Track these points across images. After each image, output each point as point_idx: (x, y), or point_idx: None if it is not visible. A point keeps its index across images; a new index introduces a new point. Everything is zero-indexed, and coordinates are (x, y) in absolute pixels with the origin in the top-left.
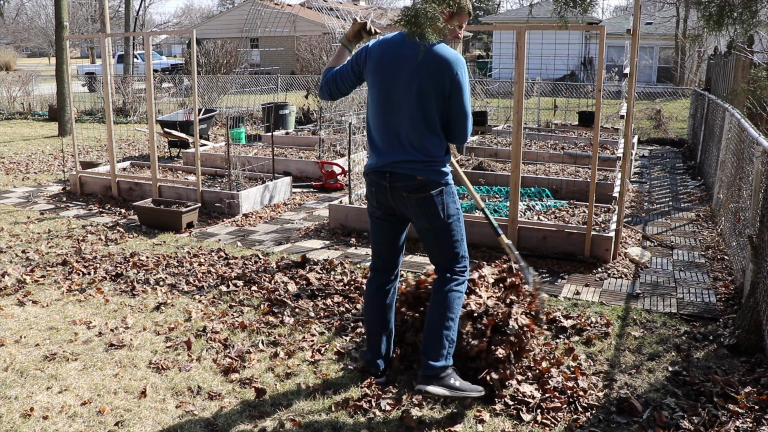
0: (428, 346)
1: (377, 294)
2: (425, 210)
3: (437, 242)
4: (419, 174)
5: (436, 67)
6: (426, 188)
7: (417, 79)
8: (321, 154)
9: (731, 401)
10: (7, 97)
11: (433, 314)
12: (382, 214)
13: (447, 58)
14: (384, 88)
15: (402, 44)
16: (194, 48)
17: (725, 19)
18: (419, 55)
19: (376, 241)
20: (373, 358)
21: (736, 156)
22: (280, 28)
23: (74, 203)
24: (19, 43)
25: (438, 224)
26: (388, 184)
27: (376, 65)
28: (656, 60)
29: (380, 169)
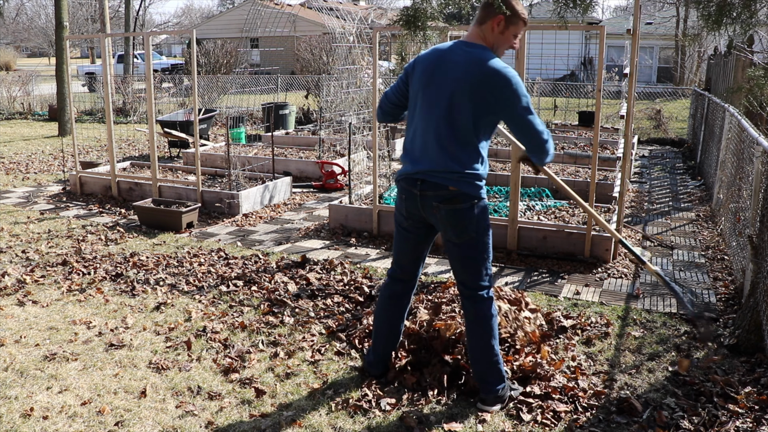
0: (483, 371)
1: (390, 301)
2: (454, 223)
3: (462, 258)
4: (452, 184)
5: (480, 80)
6: (458, 200)
7: (459, 87)
8: (321, 154)
9: (731, 401)
10: (7, 97)
11: (478, 346)
12: (409, 224)
13: (493, 73)
14: (425, 93)
15: (451, 51)
16: (194, 48)
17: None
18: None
19: (399, 250)
20: (375, 360)
21: (736, 156)
22: (280, 28)
23: (74, 203)
24: (19, 43)
25: (465, 239)
26: (419, 192)
27: (422, 70)
28: (656, 60)
29: (411, 176)
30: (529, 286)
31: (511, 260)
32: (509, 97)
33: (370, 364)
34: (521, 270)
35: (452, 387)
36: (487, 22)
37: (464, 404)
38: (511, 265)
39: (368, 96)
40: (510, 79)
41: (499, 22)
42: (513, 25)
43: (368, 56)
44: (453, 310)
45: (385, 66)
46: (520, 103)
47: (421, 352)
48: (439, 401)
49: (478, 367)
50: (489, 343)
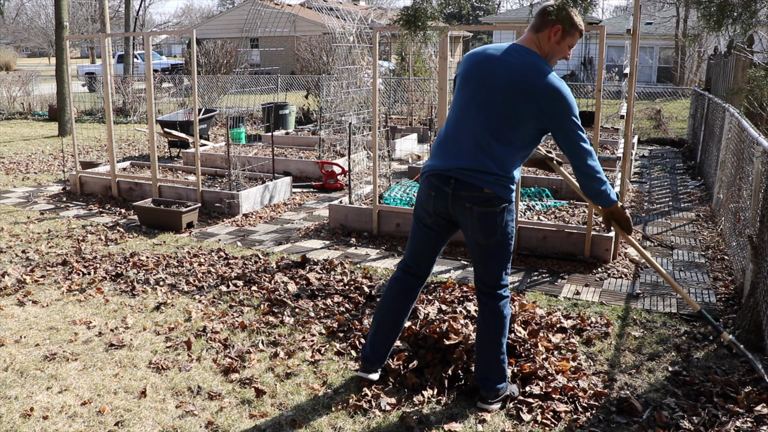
0: (488, 370)
1: (401, 295)
2: (484, 225)
3: (486, 259)
4: (488, 187)
5: (531, 90)
6: (492, 203)
7: (510, 91)
8: (321, 154)
9: (731, 401)
10: (7, 97)
11: (487, 341)
12: (432, 222)
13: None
14: (472, 89)
15: (506, 54)
16: (194, 48)
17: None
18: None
19: (416, 246)
20: (371, 355)
21: (736, 156)
22: (280, 28)
23: (74, 203)
24: (19, 43)
25: (492, 241)
26: (451, 191)
27: (471, 66)
28: (656, 60)
29: (444, 172)
30: (529, 286)
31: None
32: (561, 112)
33: (366, 360)
34: (521, 270)
35: (452, 387)
36: (544, 31)
37: (464, 404)
38: (511, 265)
39: (368, 96)
40: (564, 94)
41: (557, 32)
42: (570, 36)
43: (368, 56)
44: (454, 311)
45: (385, 66)
46: (570, 118)
47: (421, 351)
48: (439, 401)
49: (483, 363)
50: (498, 341)
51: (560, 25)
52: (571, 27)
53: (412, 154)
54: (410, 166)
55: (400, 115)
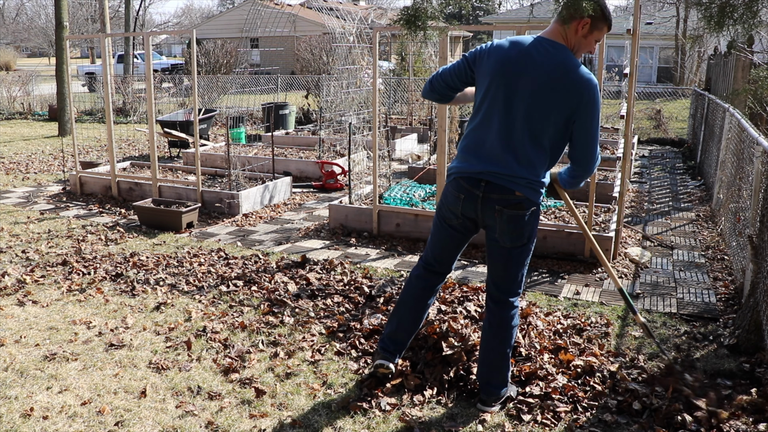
0: (491, 376)
1: (423, 292)
2: (513, 228)
3: (508, 263)
4: (519, 190)
5: (564, 86)
6: (522, 206)
7: (542, 90)
8: (321, 154)
9: (731, 401)
10: (7, 97)
11: (492, 348)
12: (458, 223)
13: (579, 81)
14: (503, 88)
15: (534, 49)
16: (194, 48)
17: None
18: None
19: (439, 246)
20: (391, 348)
21: (736, 156)
22: (280, 28)
23: (74, 203)
24: (19, 43)
25: (519, 244)
26: (482, 194)
27: (500, 63)
28: (656, 60)
29: (475, 175)
30: (529, 286)
31: None
32: (590, 109)
33: (384, 350)
34: None
35: (452, 387)
36: (572, 23)
37: (464, 404)
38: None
39: (368, 96)
40: (595, 90)
41: (585, 25)
42: (598, 30)
43: (368, 56)
44: (454, 311)
45: (385, 66)
46: (597, 117)
47: (422, 351)
48: (439, 401)
49: (486, 369)
50: (505, 351)
51: (589, 18)
52: (600, 20)
53: (412, 154)
54: (410, 166)
55: (400, 115)
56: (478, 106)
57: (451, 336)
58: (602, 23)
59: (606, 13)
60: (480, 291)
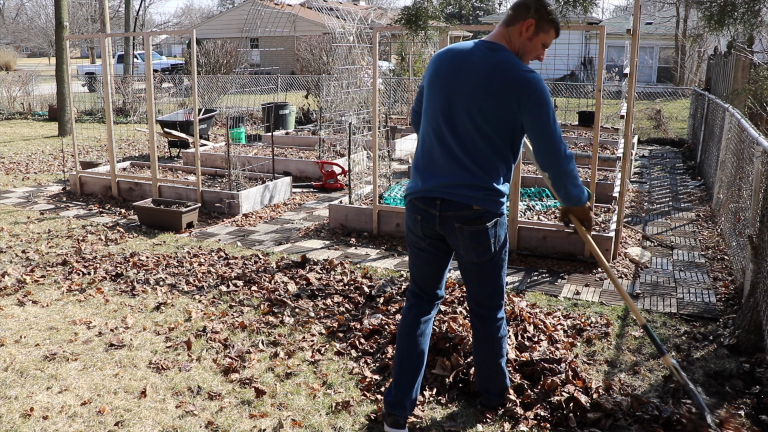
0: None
1: (416, 322)
2: (477, 244)
3: (481, 278)
4: (476, 203)
5: (502, 86)
6: (482, 219)
7: (481, 92)
8: (321, 154)
9: (731, 401)
10: (7, 97)
11: (483, 362)
12: (427, 244)
13: (516, 78)
14: (443, 98)
15: (471, 53)
16: (194, 48)
17: (727, 19)
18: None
19: (419, 273)
20: (400, 398)
21: (736, 156)
22: (280, 28)
23: (74, 203)
24: (19, 43)
25: (487, 258)
26: (438, 213)
27: (437, 72)
28: (656, 60)
29: (428, 194)
30: (529, 286)
31: (511, 260)
32: (533, 105)
33: (392, 405)
34: (521, 270)
35: (453, 387)
36: (516, 25)
37: (464, 404)
38: (511, 265)
39: (368, 96)
40: (537, 86)
41: (529, 27)
42: (544, 33)
43: (368, 56)
44: (454, 311)
45: (385, 66)
46: (546, 111)
47: None
48: (439, 401)
49: (483, 379)
50: (497, 362)
51: (533, 19)
52: (546, 23)
53: (412, 154)
54: (410, 166)
55: (400, 115)
56: (423, 119)
57: (450, 336)
58: (548, 26)
59: (552, 16)
60: None
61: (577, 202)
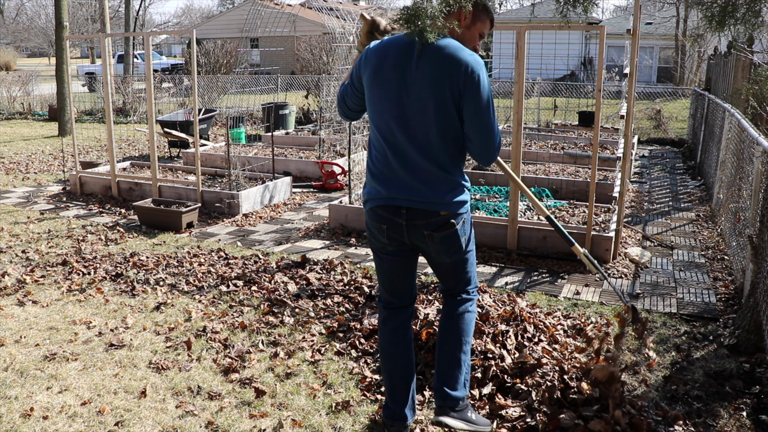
0: (446, 374)
1: (395, 334)
2: (448, 246)
3: (454, 272)
4: (443, 208)
5: (449, 69)
6: (451, 223)
7: (428, 81)
8: (321, 154)
9: (731, 401)
10: (7, 97)
11: (449, 340)
12: (394, 248)
13: (458, 59)
14: (388, 99)
15: (410, 43)
16: (194, 48)
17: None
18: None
19: (388, 279)
20: (398, 411)
21: (736, 156)
22: (280, 28)
23: (74, 203)
24: (19, 43)
25: (458, 257)
26: (405, 222)
27: (375, 72)
28: (656, 60)
29: (392, 203)
30: (529, 286)
31: (511, 260)
32: (476, 89)
33: (392, 417)
34: (521, 270)
35: None
36: (453, 15)
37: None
38: (511, 265)
39: None
40: (478, 66)
41: (466, 15)
42: (480, 21)
43: None
44: None
45: None
46: (486, 96)
47: (422, 352)
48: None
49: (445, 367)
50: (463, 344)
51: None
52: (482, 12)
53: None
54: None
55: None
56: (372, 121)
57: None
58: (485, 15)
59: (487, 6)
60: (481, 291)
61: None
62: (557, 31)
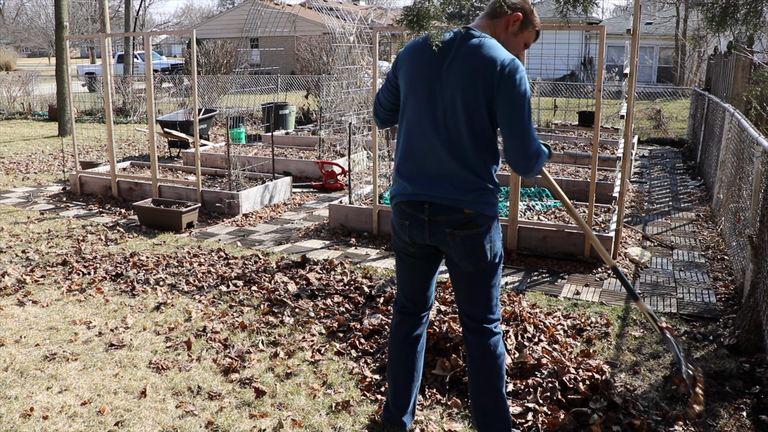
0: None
1: (407, 341)
2: (471, 250)
3: (475, 288)
4: (468, 207)
5: (487, 70)
6: (475, 223)
7: (466, 82)
8: (321, 154)
9: (730, 401)
10: (7, 97)
11: (483, 382)
12: (415, 250)
13: (494, 58)
14: (422, 94)
15: (450, 40)
16: (194, 48)
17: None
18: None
19: (406, 281)
20: (398, 416)
21: (736, 156)
22: (280, 28)
23: (74, 203)
24: (19, 43)
25: (482, 266)
26: (427, 218)
27: (412, 67)
28: (656, 60)
29: (415, 198)
30: (529, 286)
31: (511, 260)
32: (510, 89)
33: (392, 421)
34: (521, 270)
35: (452, 387)
36: (502, 18)
37: (464, 404)
38: (511, 265)
39: (368, 96)
40: (518, 69)
41: (516, 21)
42: (527, 31)
43: (368, 56)
44: (454, 311)
45: (385, 66)
46: (521, 98)
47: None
48: (439, 401)
49: (482, 415)
50: (496, 386)
51: (520, 13)
52: (531, 22)
53: None
54: None
55: None
56: (402, 118)
57: (450, 336)
58: (532, 25)
59: (536, 17)
60: None
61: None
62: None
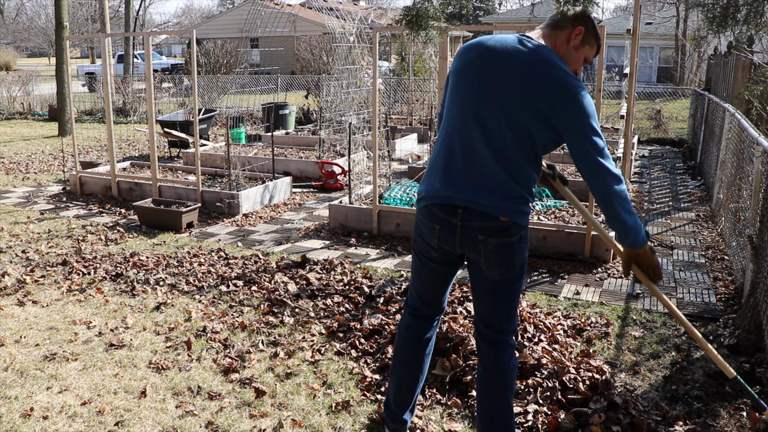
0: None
1: (417, 344)
2: (501, 259)
3: (497, 298)
4: (504, 214)
5: (544, 85)
6: (509, 232)
7: (518, 92)
8: (321, 154)
9: (731, 401)
10: (7, 97)
11: (492, 394)
12: (439, 255)
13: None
14: (473, 93)
15: (510, 46)
16: (194, 48)
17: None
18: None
19: (423, 285)
20: (398, 413)
21: (736, 156)
22: (280, 28)
23: (74, 203)
24: (19, 43)
25: (509, 276)
26: (460, 223)
27: (467, 64)
28: (656, 60)
29: (449, 201)
30: (529, 286)
31: None
32: (576, 112)
33: (393, 419)
34: None
35: (452, 387)
36: (564, 30)
37: (464, 404)
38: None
39: (368, 96)
40: (582, 92)
41: (578, 35)
42: (589, 45)
43: (368, 56)
44: (454, 311)
45: (385, 66)
46: (588, 123)
47: None
48: (439, 401)
49: (487, 422)
50: (506, 399)
51: (583, 27)
52: (592, 36)
53: (412, 154)
54: (410, 166)
55: (400, 115)
56: (446, 114)
57: (450, 336)
58: (593, 40)
59: (597, 31)
60: None
61: (636, 238)
62: None
